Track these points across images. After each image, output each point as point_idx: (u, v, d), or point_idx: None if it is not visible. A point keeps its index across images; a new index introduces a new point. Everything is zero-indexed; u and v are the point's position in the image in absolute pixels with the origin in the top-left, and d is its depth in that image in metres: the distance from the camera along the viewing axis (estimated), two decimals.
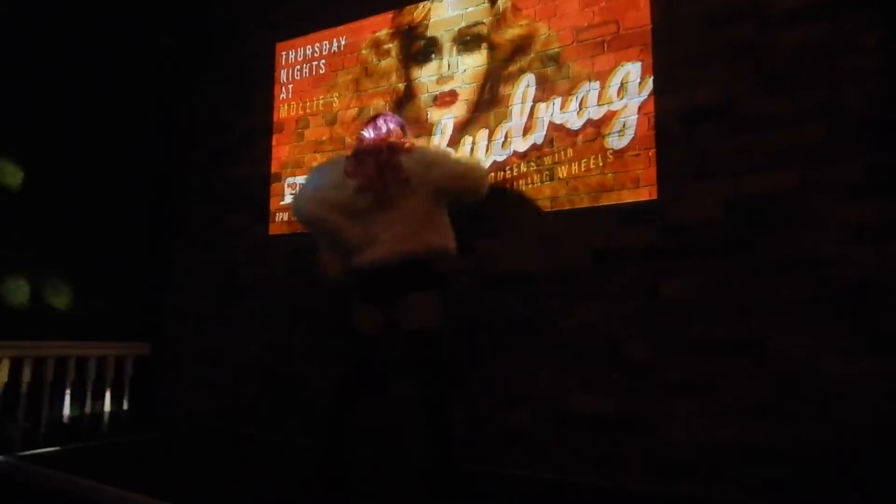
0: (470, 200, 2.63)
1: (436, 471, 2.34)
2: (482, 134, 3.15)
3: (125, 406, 3.95)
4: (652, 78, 2.74)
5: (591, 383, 2.71)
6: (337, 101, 3.69)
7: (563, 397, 2.76)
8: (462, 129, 3.22)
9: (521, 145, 3.04)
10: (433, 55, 3.37)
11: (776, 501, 2.28)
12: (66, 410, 3.65)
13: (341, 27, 3.72)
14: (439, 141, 3.26)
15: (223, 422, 3.79)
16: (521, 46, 3.10)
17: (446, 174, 2.49)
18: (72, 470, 2.69)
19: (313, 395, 3.40)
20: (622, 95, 2.81)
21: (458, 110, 3.25)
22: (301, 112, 3.83)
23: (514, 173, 3.04)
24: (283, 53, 3.96)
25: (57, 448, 3.30)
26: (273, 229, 3.83)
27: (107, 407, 3.83)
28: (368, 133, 2.59)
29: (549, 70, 3.00)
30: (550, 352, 2.81)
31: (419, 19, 3.44)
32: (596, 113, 2.86)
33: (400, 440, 3.06)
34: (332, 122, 3.69)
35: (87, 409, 3.75)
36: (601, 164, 2.83)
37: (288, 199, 3.77)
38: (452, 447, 2.35)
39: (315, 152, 3.71)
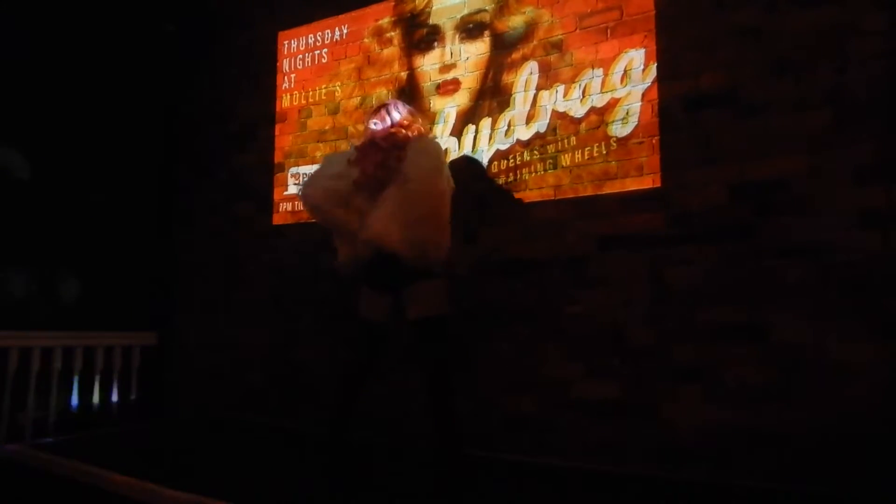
0: None
1: (441, 457, 2.36)
2: (485, 122, 3.14)
3: (133, 395, 3.98)
4: (655, 64, 2.72)
5: (595, 369, 2.72)
6: (339, 90, 3.68)
7: (568, 383, 2.77)
8: (465, 117, 3.21)
9: (524, 133, 3.03)
10: (436, 43, 3.35)
11: (780, 486, 2.29)
12: (75, 400, 3.68)
13: (343, 15, 3.70)
14: (442, 130, 3.25)
15: (231, 410, 3.81)
16: (524, 34, 3.08)
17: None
18: (81, 458, 2.72)
19: (320, 382, 3.42)
20: (626, 82, 2.79)
21: (461, 99, 3.23)
22: (304, 101, 3.82)
23: (518, 162, 3.04)
24: (286, 42, 3.95)
25: (67, 437, 3.33)
26: (277, 219, 3.84)
27: (115, 396, 3.86)
28: (375, 125, 2.58)
29: (553, 57, 2.99)
30: (555, 338, 2.82)
31: (421, 7, 3.42)
32: (599, 100, 2.85)
33: (402, 427, 3.08)
34: (334, 112, 3.68)
35: (96, 398, 3.78)
36: (605, 152, 2.82)
37: (292, 188, 3.78)
38: (458, 434, 2.37)
39: (318, 142, 3.71)
